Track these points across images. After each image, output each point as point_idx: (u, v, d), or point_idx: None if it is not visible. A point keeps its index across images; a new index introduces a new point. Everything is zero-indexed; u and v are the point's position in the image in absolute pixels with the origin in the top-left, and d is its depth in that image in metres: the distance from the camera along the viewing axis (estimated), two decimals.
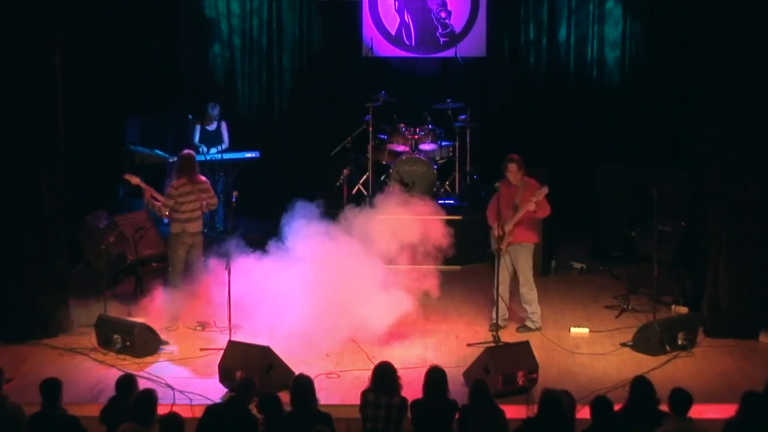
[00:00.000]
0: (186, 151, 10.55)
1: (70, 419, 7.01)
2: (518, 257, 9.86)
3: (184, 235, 10.11)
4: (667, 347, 9.36)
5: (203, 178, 10.38)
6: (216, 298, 9.75)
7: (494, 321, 9.81)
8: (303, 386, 7.07)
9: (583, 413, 7.29)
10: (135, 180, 10.47)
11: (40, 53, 9.64)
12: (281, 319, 9.48)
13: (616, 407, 7.00)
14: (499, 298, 9.74)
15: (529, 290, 9.93)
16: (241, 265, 9.63)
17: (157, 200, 10.20)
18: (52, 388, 7.07)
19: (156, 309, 10.10)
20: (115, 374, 8.43)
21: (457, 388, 8.04)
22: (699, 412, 6.89)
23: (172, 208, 10.06)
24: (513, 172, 9.78)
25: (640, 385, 7.08)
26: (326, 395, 8.19)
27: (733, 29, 9.60)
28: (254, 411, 7.03)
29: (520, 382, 8.49)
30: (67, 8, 10.57)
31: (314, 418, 6.88)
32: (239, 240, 9.92)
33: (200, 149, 13.13)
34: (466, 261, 11.70)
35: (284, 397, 7.38)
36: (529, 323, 10.00)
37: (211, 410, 7.22)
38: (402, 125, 13.01)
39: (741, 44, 9.57)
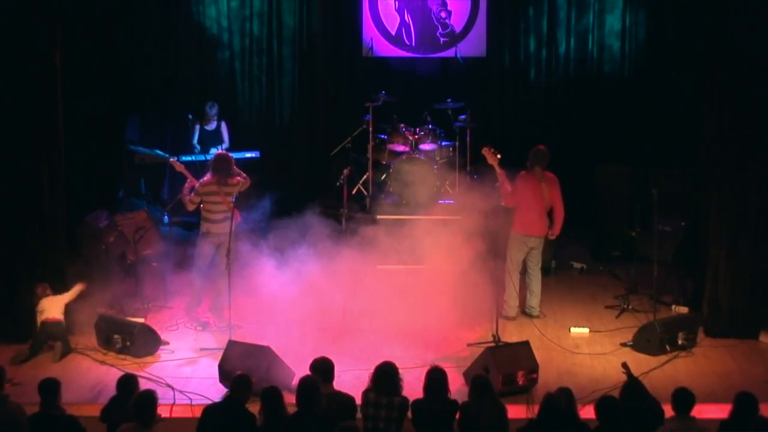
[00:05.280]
0: (221, 151, 10.50)
1: (69, 419, 7.01)
2: None
3: (210, 236, 9.97)
4: (667, 347, 9.37)
5: (238, 179, 10.04)
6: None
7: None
8: (310, 387, 7.05)
9: (585, 413, 7.30)
10: (179, 167, 10.50)
11: (41, 52, 9.65)
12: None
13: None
14: (510, 283, 10.28)
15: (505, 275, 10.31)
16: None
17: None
18: (50, 387, 7.07)
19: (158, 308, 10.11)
20: (115, 374, 8.44)
21: (457, 388, 8.04)
22: (699, 411, 6.89)
23: (204, 207, 9.97)
24: None
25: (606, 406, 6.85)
26: None
27: (733, 29, 9.60)
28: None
29: (520, 382, 8.49)
30: (68, 8, 10.57)
31: (320, 419, 6.88)
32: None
33: (196, 149, 13.14)
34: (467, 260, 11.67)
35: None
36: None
37: (209, 410, 7.20)
38: (402, 125, 13.00)
39: (741, 44, 9.57)
